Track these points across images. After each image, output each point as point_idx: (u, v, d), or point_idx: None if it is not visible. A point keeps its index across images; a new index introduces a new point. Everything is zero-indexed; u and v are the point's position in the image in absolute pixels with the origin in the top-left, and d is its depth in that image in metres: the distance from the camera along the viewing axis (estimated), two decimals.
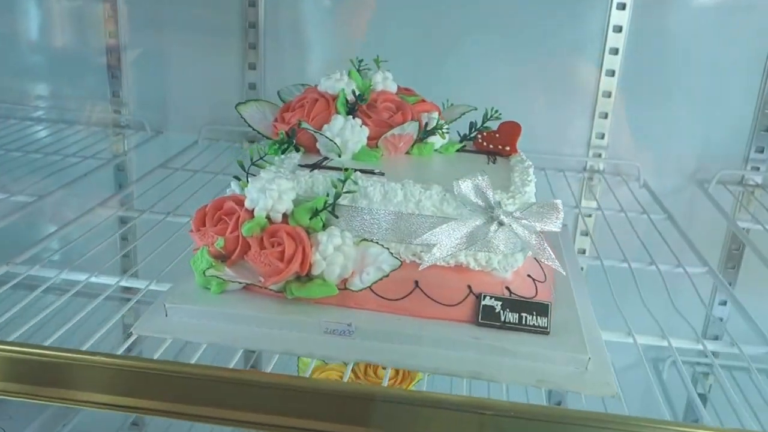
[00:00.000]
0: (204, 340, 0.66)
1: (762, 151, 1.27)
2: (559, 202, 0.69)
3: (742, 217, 1.26)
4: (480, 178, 0.67)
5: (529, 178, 0.75)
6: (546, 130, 1.30)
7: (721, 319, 1.33)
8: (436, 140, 0.84)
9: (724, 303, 1.33)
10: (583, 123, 1.29)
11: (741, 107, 1.25)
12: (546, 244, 0.68)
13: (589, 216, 1.28)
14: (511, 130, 0.88)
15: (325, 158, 0.78)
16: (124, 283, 0.84)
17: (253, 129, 0.83)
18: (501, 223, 0.67)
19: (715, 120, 1.26)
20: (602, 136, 1.30)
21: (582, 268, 0.96)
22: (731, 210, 1.27)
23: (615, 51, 1.24)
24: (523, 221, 0.67)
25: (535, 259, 0.73)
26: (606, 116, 1.28)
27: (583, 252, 1.31)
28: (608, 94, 1.27)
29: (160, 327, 0.67)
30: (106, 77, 1.35)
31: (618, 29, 1.23)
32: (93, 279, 0.83)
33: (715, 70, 1.23)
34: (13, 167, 1.18)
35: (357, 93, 0.81)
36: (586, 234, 1.30)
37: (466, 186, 0.67)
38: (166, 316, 0.68)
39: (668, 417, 0.67)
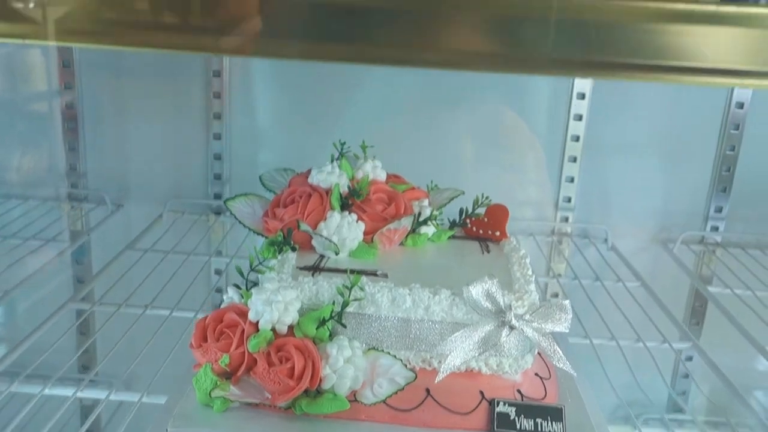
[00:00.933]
0: None
1: (720, 211, 1.32)
2: (567, 302, 0.69)
3: (705, 273, 1.31)
4: (489, 281, 0.67)
5: (529, 273, 0.75)
6: (515, 196, 1.31)
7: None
8: (429, 229, 0.84)
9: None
10: (551, 187, 1.32)
11: (699, 170, 1.30)
12: (556, 346, 0.68)
13: (555, 296, 1.30)
14: (499, 215, 0.88)
15: (322, 257, 0.76)
16: (81, 394, 0.79)
17: (244, 225, 0.80)
18: (512, 327, 0.66)
19: (676, 182, 1.31)
20: (569, 200, 1.32)
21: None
22: (694, 268, 1.31)
23: (579, 117, 1.27)
24: (533, 324, 0.67)
25: (538, 353, 0.73)
26: (572, 180, 1.31)
27: None
28: (573, 159, 1.30)
29: None
30: (62, 149, 1.29)
31: (581, 96, 1.26)
32: (47, 391, 0.78)
33: (673, 135, 1.28)
34: None
35: (351, 188, 0.79)
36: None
37: (476, 291, 0.66)
38: None
39: None
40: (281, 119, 1.29)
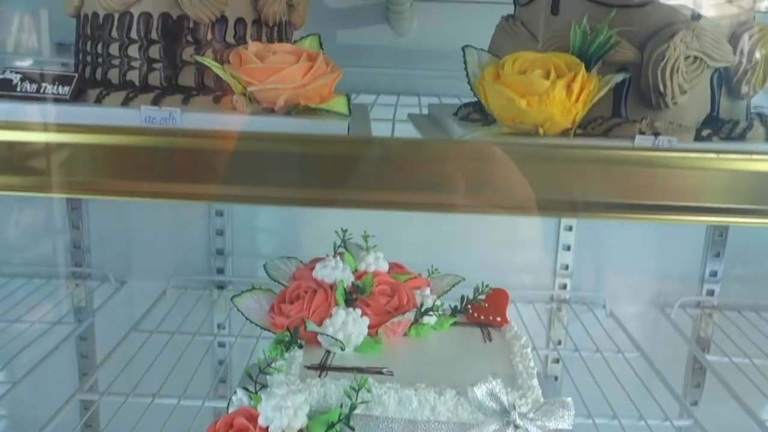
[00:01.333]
0: None
1: (715, 275, 1.34)
2: (569, 400, 0.70)
3: (703, 336, 1.32)
4: (493, 381, 0.68)
5: (531, 365, 0.76)
6: (513, 265, 1.33)
7: None
8: (431, 319, 0.85)
9: None
10: (548, 256, 1.34)
11: (693, 235, 1.33)
12: None
13: (556, 362, 1.32)
14: (499, 300, 0.91)
15: (329, 352, 0.78)
16: None
17: (251, 321, 0.82)
18: (517, 426, 0.68)
19: (670, 248, 1.33)
20: (566, 267, 1.34)
21: None
22: (692, 332, 1.33)
23: None
24: (537, 422, 0.68)
25: None
26: (569, 248, 1.33)
27: None
28: (569, 228, 1.32)
29: None
30: (66, 227, 1.31)
31: None
32: None
33: None
34: None
35: (355, 283, 0.81)
36: (556, 379, 1.33)
37: (480, 391, 0.68)
38: None
39: None
40: None
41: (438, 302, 0.85)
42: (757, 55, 0.59)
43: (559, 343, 1.34)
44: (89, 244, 1.32)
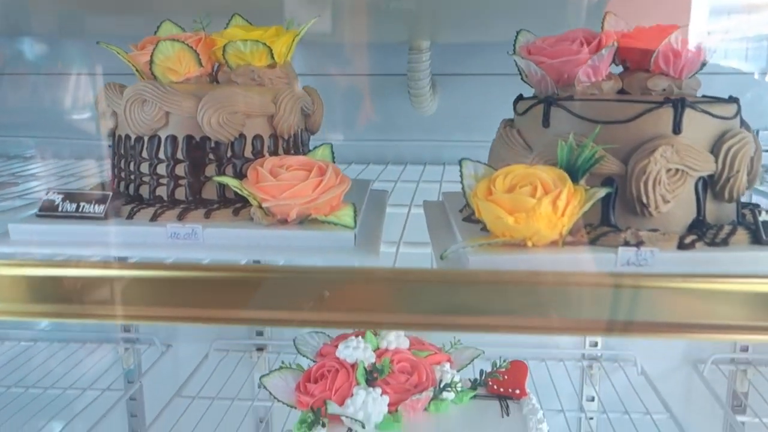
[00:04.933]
0: None
1: None
2: None
3: (739, 393, 1.32)
4: None
5: None
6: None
7: None
8: (450, 395, 0.89)
9: None
10: None
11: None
12: None
13: (591, 419, 1.33)
14: (518, 373, 0.94)
15: (350, 430, 0.82)
16: None
17: (278, 400, 0.87)
18: None
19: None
20: None
21: None
22: (726, 390, 1.32)
23: None
24: None
25: None
26: None
27: None
28: None
29: None
30: None
31: None
32: None
33: None
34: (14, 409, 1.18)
35: (376, 366, 0.86)
36: None
37: None
38: None
39: None
40: None
41: (456, 378, 0.89)
42: (738, 162, 0.62)
43: (592, 399, 1.35)
44: None
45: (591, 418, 1.32)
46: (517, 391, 0.92)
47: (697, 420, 1.21)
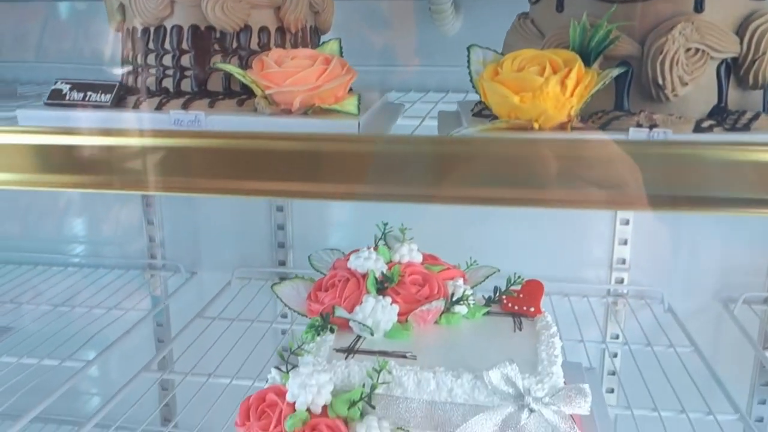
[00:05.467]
0: None
1: None
2: (586, 386, 0.72)
3: None
4: (509, 366, 0.71)
5: (556, 354, 0.78)
6: (568, 258, 1.33)
7: None
8: (462, 309, 0.88)
9: None
10: (604, 249, 1.33)
11: (760, 224, 1.28)
12: (576, 429, 0.71)
13: (615, 356, 1.30)
14: (533, 291, 0.92)
15: (359, 337, 0.82)
16: None
17: (290, 308, 0.87)
18: (531, 410, 0.70)
19: (735, 239, 1.29)
20: (623, 261, 1.33)
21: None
22: (758, 333, 1.28)
23: None
24: (552, 407, 0.70)
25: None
26: (626, 242, 1.32)
27: (612, 391, 1.31)
28: (626, 222, 1.31)
29: None
30: (142, 222, 1.42)
31: None
32: None
33: None
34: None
35: (386, 274, 0.85)
36: (613, 373, 1.31)
37: (495, 376, 0.70)
38: None
39: None
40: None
41: (468, 292, 0.88)
42: (765, 44, 0.58)
43: (617, 338, 1.33)
44: (163, 238, 1.43)
45: (615, 355, 1.30)
46: (532, 309, 0.91)
47: (725, 358, 1.18)
